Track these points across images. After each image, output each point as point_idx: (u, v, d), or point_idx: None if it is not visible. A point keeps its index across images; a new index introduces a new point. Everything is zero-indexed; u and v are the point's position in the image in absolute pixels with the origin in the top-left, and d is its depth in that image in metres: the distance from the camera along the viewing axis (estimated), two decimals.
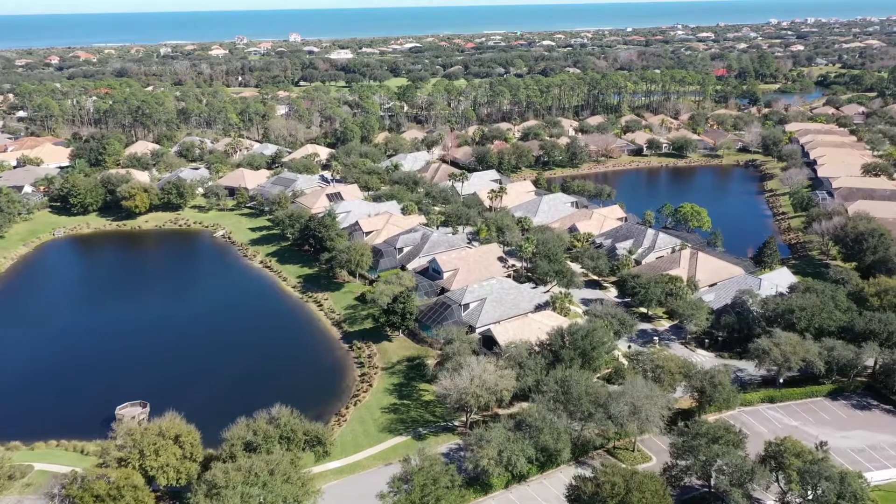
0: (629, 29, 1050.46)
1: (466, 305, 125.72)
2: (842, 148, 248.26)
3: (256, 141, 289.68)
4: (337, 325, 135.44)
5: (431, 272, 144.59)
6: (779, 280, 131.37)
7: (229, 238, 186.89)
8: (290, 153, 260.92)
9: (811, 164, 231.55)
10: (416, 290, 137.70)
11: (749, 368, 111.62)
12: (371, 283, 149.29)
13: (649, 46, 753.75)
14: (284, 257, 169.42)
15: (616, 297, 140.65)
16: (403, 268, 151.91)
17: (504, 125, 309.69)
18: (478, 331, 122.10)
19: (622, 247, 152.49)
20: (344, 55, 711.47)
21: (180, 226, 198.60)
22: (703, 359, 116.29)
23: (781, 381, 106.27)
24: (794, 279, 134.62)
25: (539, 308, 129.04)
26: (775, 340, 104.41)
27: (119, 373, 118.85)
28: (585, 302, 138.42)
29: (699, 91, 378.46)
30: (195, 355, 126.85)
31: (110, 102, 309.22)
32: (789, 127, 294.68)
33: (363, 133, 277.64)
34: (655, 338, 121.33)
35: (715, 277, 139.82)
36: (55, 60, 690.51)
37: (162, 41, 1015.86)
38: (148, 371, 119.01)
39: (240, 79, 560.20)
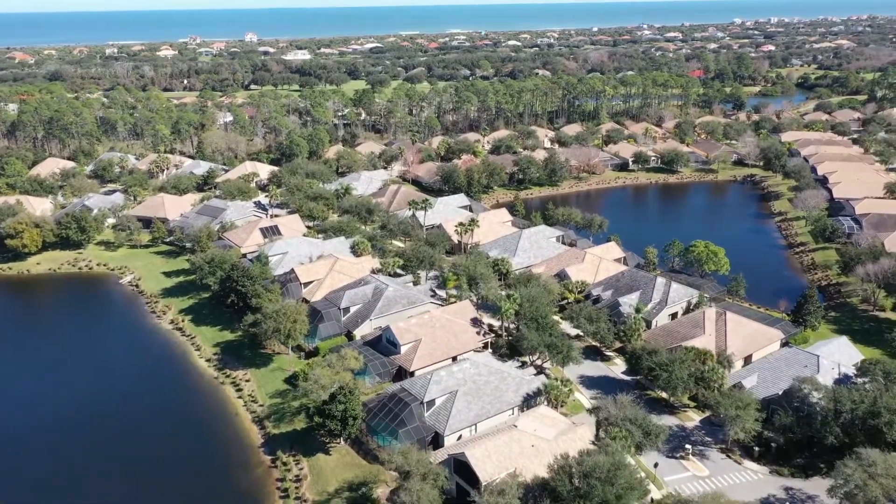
0: (595, 29, 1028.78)
1: (431, 402, 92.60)
2: (851, 162, 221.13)
3: (190, 157, 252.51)
4: (259, 423, 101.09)
5: (386, 343, 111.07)
6: (838, 354, 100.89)
7: (137, 286, 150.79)
8: (226, 171, 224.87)
9: (822, 182, 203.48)
10: (366, 373, 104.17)
11: (821, 495, 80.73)
12: (308, 355, 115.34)
13: (617, 47, 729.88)
14: (202, 315, 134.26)
15: (624, 372, 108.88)
16: (350, 335, 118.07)
17: (472, 136, 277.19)
18: (446, 438, 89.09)
19: (627, 302, 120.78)
20: (301, 56, 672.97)
21: (80, 269, 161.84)
22: (755, 477, 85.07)
23: None
24: (856, 352, 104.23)
25: (529, 399, 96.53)
26: (867, 466, 73.41)
27: None
28: (585, 382, 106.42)
29: (681, 95, 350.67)
30: (59, 458, 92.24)
31: (15, 113, 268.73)
32: (785, 136, 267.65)
33: (312, 147, 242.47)
34: (688, 446, 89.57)
35: (750, 346, 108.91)
36: None
37: (110, 41, 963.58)
38: None
39: (185, 82, 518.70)
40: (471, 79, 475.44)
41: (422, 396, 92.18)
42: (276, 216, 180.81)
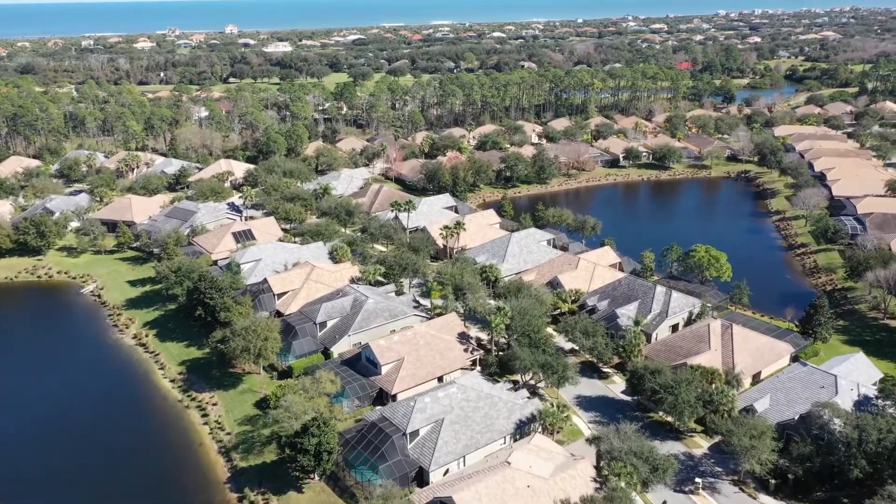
0: (580, 20, 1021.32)
1: (415, 433, 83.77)
2: (848, 157, 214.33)
3: (162, 154, 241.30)
4: (225, 454, 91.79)
5: (365, 363, 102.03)
6: (856, 372, 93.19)
7: (99, 296, 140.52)
8: (200, 169, 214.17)
9: (819, 179, 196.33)
10: (343, 396, 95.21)
11: None
12: (281, 374, 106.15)
13: (603, 38, 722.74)
14: (167, 329, 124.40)
15: (624, 391, 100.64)
16: (327, 352, 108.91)
17: (457, 131, 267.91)
18: (431, 474, 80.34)
19: (625, 313, 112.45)
20: (282, 48, 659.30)
21: (39, 277, 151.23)
22: None
23: None
24: (874, 369, 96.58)
25: (522, 427, 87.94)
26: None
27: None
28: (582, 402, 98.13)
29: (670, 88, 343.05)
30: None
31: None
32: (778, 131, 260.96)
33: (290, 143, 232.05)
34: (697, 480, 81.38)
35: (759, 363, 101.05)
36: None
37: (86, 33, 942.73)
38: None
39: (162, 75, 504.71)
40: (455, 71, 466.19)
41: (404, 427, 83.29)
42: (250, 218, 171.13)
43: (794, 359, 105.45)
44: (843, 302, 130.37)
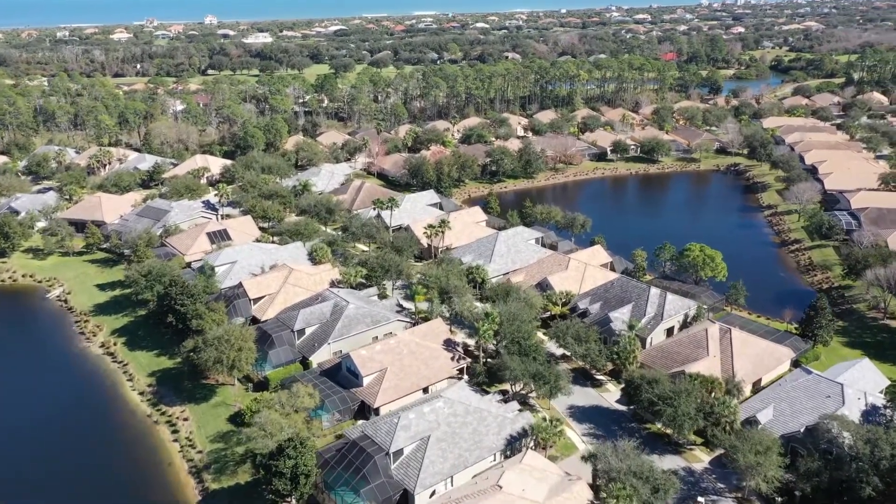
0: (563, 11, 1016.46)
1: (399, 452, 78.25)
2: (838, 150, 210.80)
3: (136, 150, 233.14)
4: (196, 474, 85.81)
5: (346, 373, 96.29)
6: (863, 380, 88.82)
7: (66, 302, 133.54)
8: (174, 165, 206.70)
9: (811, 172, 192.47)
10: (323, 409, 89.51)
11: None
12: (257, 386, 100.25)
13: (587, 29, 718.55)
14: (137, 337, 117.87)
15: (619, 400, 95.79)
16: (305, 362, 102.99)
17: (441, 124, 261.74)
18: (417, 496, 74.91)
19: (618, 317, 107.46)
20: (262, 39, 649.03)
21: (2, 281, 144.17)
22: None
23: None
24: (881, 376, 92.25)
25: (513, 442, 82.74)
26: None
27: None
28: (576, 413, 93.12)
29: (656, 79, 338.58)
30: None
31: None
32: (766, 122, 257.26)
33: (269, 138, 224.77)
34: (700, 499, 76.63)
35: (759, 369, 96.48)
36: None
37: (62, 24, 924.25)
38: None
39: (138, 67, 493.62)
40: (439, 63, 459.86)
41: (387, 445, 77.75)
42: (227, 217, 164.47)
43: (795, 364, 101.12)
44: (840, 301, 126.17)
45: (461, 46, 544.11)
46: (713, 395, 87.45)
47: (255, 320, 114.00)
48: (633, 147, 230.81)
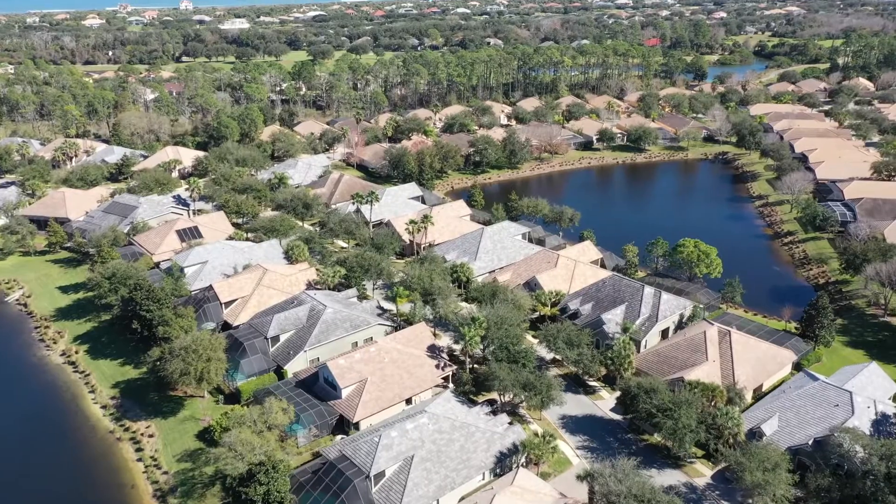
0: None
1: (380, 474, 72.30)
2: (828, 138, 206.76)
3: (105, 141, 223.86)
4: (161, 498, 79.25)
5: (323, 384, 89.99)
6: (871, 386, 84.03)
7: (25, 305, 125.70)
8: (144, 158, 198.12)
9: (801, 160, 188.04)
10: (299, 423, 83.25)
11: None
12: (229, 398, 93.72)
13: (569, 14, 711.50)
14: (101, 344, 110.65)
15: (613, 409, 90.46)
16: (280, 371, 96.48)
17: (422, 113, 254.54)
18: None
19: (611, 319, 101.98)
20: (239, 25, 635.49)
21: None
22: None
23: None
24: (889, 381, 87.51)
25: (503, 460, 77.09)
26: None
27: None
28: (568, 423, 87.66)
29: (641, 65, 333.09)
30: None
31: None
32: (753, 109, 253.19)
33: (244, 128, 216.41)
34: None
35: (761, 374, 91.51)
36: None
37: (32, 9, 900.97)
38: None
39: (110, 54, 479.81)
40: (419, 49, 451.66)
41: (367, 467, 71.75)
42: (199, 212, 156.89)
43: (796, 366, 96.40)
44: (838, 297, 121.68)
45: (442, 32, 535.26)
46: (714, 404, 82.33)
47: (226, 325, 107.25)
48: (619, 136, 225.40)
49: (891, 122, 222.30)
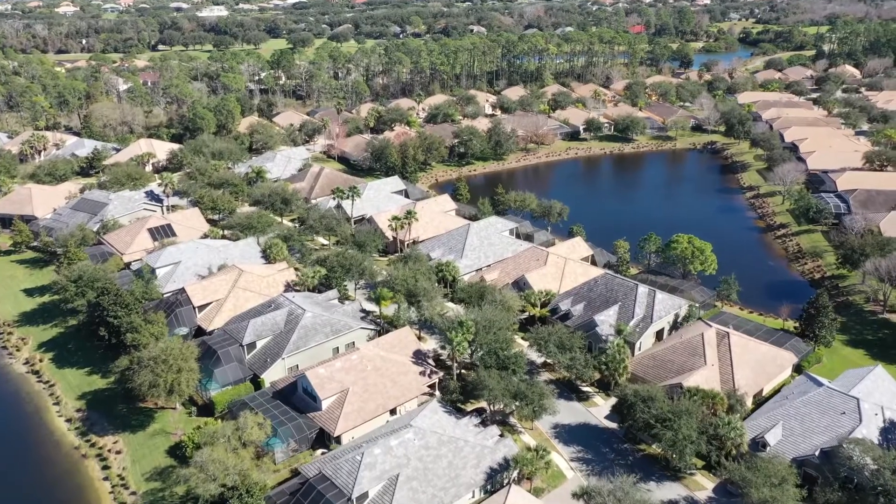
0: None
1: (363, 496, 67.52)
2: (818, 127, 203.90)
3: (76, 134, 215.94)
4: None
5: (302, 394, 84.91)
6: (878, 392, 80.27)
7: None
8: (117, 151, 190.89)
9: (792, 150, 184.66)
10: (276, 439, 78.19)
11: None
12: (202, 409, 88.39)
13: (552, 1, 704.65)
14: (67, 351, 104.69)
15: (608, 416, 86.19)
16: (257, 380, 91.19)
17: (405, 102, 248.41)
18: None
19: (604, 320, 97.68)
20: (217, 12, 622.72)
21: None
22: None
23: None
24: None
25: (493, 476, 72.59)
26: None
27: None
28: (561, 433, 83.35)
29: (626, 53, 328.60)
30: None
31: None
32: (741, 98, 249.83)
33: (220, 120, 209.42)
34: None
35: (761, 378, 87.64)
36: None
37: None
38: None
39: (83, 42, 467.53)
40: (402, 37, 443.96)
41: (349, 488, 66.97)
42: (173, 208, 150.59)
43: (797, 369, 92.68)
44: (835, 293, 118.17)
45: (424, 19, 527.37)
46: (715, 412, 78.28)
47: (200, 331, 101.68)
48: (606, 125, 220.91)
49: (880, 109, 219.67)
